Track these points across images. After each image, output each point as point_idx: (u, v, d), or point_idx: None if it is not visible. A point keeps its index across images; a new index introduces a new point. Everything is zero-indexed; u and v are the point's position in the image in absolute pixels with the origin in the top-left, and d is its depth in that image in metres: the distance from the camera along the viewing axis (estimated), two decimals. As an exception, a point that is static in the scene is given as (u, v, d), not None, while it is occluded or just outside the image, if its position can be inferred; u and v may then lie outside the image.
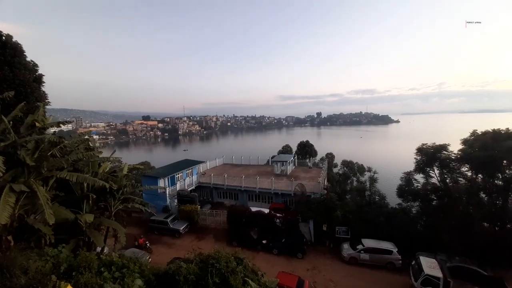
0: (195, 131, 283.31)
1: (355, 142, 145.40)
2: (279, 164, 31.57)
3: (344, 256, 18.09)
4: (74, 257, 7.13)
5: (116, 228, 12.24)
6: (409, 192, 22.17)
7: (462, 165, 20.39)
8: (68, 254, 7.39)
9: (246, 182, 26.92)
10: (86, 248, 10.86)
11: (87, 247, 11.12)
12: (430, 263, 14.53)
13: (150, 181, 25.22)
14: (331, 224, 20.50)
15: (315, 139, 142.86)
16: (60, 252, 7.32)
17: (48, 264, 6.55)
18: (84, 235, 10.97)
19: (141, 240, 19.66)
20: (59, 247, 7.52)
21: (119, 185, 13.10)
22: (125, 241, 12.00)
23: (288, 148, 45.45)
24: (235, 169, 34.77)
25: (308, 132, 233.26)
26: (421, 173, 22.10)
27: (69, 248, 9.49)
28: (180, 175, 28.84)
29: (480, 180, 19.80)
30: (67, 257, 7.11)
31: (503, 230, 18.46)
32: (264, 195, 26.57)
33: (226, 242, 20.40)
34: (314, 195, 23.11)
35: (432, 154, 21.13)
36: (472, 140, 20.41)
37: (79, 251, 7.17)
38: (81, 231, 10.85)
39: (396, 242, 18.19)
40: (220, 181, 28.26)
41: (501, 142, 18.07)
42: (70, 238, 10.55)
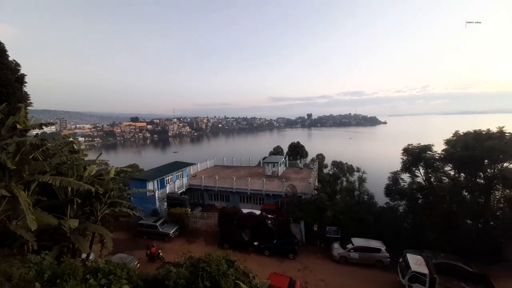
0: (186, 132, 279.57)
1: (345, 143, 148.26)
2: (270, 165, 31.67)
3: (334, 255, 18.34)
4: (58, 264, 6.86)
5: (102, 233, 11.87)
6: (396, 191, 22.86)
7: (445, 165, 21.26)
8: (52, 261, 7.10)
9: (238, 184, 26.81)
10: (71, 255, 10.47)
11: (71, 254, 10.72)
12: (417, 260, 14.97)
13: (138, 184, 24.64)
14: (321, 224, 20.75)
15: (306, 140, 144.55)
16: (43, 259, 7.02)
17: (32, 271, 6.29)
18: (68, 241, 10.56)
19: (154, 248, 18.39)
20: (42, 254, 7.21)
21: (106, 189, 12.73)
22: (112, 247, 11.63)
23: (279, 149, 45.70)
24: (226, 170, 34.57)
25: (299, 133, 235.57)
26: (407, 172, 22.88)
27: (53, 255, 9.11)
28: (170, 177, 28.34)
29: (462, 179, 20.69)
30: (51, 264, 6.83)
31: (485, 227, 19.35)
32: (255, 196, 26.55)
33: (217, 244, 20.21)
34: (305, 195, 23.33)
35: (417, 154, 21.91)
36: (454, 140, 21.34)
37: (63, 258, 6.89)
38: (65, 237, 10.44)
39: (384, 240, 18.64)
40: (211, 183, 28.00)
41: (482, 142, 18.98)
42: (54, 244, 10.16)
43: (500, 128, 19.79)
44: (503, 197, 18.94)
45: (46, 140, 10.47)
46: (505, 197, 18.83)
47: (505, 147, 18.08)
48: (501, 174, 18.22)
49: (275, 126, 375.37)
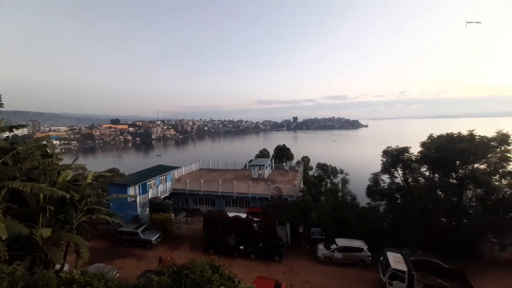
0: (170, 135, 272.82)
1: (329, 145, 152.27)
2: (257, 168, 31.71)
3: (319, 256, 18.63)
4: (31, 275, 6.44)
5: (77, 242, 11.21)
6: (377, 191, 23.78)
7: (421, 166, 22.50)
8: (24, 272, 6.63)
9: (223, 187, 26.53)
10: (44, 266, 9.87)
11: (44, 265, 10.09)
12: (396, 258, 15.59)
13: (118, 189, 23.58)
14: (307, 226, 21.03)
15: (292, 143, 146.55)
16: (16, 270, 6.56)
17: (4, 282, 5.90)
18: (40, 252, 9.89)
19: (166, 261, 15.77)
20: (13, 264, 6.72)
21: (82, 195, 12.07)
22: (88, 257, 11.01)
23: (265, 152, 45.89)
24: (212, 174, 34.11)
25: (285, 136, 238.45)
26: (386, 173, 23.91)
27: (25, 266, 8.54)
28: (153, 182, 27.44)
29: (437, 179, 21.96)
30: (23, 275, 6.39)
31: (459, 224, 20.60)
32: (241, 199, 26.40)
33: (202, 250, 19.77)
34: (290, 198, 23.57)
35: (395, 156, 22.99)
36: (429, 143, 22.64)
37: (35, 269, 6.46)
38: (37, 247, 9.77)
39: (366, 240, 19.24)
40: (196, 187, 27.46)
41: (454, 144, 20.31)
42: (26, 254, 9.53)
43: (470, 132, 21.31)
44: (475, 196, 20.34)
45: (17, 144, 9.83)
46: (476, 196, 20.23)
47: (475, 149, 19.45)
48: (472, 175, 19.58)
49: (261, 129, 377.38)
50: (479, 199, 19.83)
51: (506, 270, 16.89)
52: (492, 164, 19.63)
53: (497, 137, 19.99)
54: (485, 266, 17.66)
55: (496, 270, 17.01)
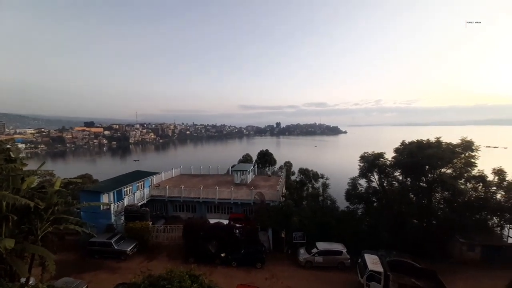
0: (150, 139, 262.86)
1: (311, 151, 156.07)
2: (239, 173, 31.50)
3: (300, 260, 18.76)
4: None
5: (43, 255, 10.26)
6: (355, 195, 24.70)
7: (395, 170, 23.82)
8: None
9: (205, 193, 25.94)
10: (9, 279, 9.03)
11: (9, 277, 9.21)
12: (373, 259, 16.17)
13: (90, 197, 22.09)
14: (289, 231, 21.15)
15: (275, 148, 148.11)
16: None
17: None
18: (5, 264, 9.00)
19: None
20: None
21: (48, 204, 11.14)
22: (54, 270, 10.11)
23: (248, 157, 45.85)
24: (193, 179, 33.26)
25: (268, 141, 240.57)
26: (364, 178, 24.95)
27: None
28: (129, 188, 26.09)
29: (409, 183, 23.35)
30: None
31: (429, 226, 21.94)
32: (223, 205, 25.96)
33: (182, 259, 19.00)
34: (273, 203, 23.63)
35: (372, 161, 24.15)
36: (401, 149, 24.11)
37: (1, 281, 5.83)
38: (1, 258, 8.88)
39: (345, 242, 19.77)
40: (176, 193, 26.55)
41: (424, 150, 21.82)
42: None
43: (437, 139, 23.06)
44: (442, 199, 21.87)
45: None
46: (444, 199, 21.76)
47: (442, 154, 21.04)
48: (439, 178, 21.09)
49: (244, 134, 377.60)
50: (447, 201, 21.36)
51: (476, 270, 18.06)
52: (458, 169, 21.34)
53: (461, 144, 21.83)
54: (455, 266, 18.76)
55: (466, 270, 18.16)
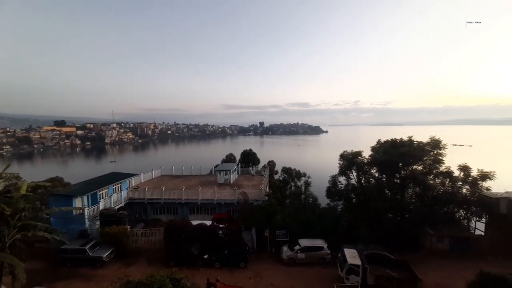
0: (128, 139, 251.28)
1: (294, 150, 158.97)
2: (223, 173, 31.21)
3: (283, 258, 19.05)
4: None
5: (12, 263, 9.46)
6: (335, 192, 25.64)
7: (371, 168, 25.08)
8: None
9: (187, 194, 25.36)
10: None
11: None
12: (352, 253, 16.88)
13: (62, 201, 20.59)
14: (272, 229, 21.37)
15: (258, 147, 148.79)
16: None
17: None
18: None
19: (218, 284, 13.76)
20: None
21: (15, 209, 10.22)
22: (25, 279, 9.36)
23: (232, 157, 45.58)
24: (174, 180, 32.36)
25: (251, 141, 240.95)
26: (343, 175, 25.97)
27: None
28: (105, 191, 24.76)
29: (384, 179, 24.70)
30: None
31: (402, 219, 23.37)
32: (206, 206, 25.57)
33: (163, 263, 18.38)
34: (256, 202, 23.72)
35: (350, 159, 25.21)
36: (377, 147, 25.44)
37: None
38: None
39: (327, 238, 20.40)
40: (156, 195, 25.66)
41: (397, 149, 23.20)
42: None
43: (409, 138, 24.63)
44: (414, 194, 23.43)
45: None
46: (415, 193, 23.32)
47: (413, 152, 22.52)
48: (411, 175, 22.56)
49: (228, 134, 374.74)
50: (418, 196, 22.93)
51: (445, 260, 19.55)
52: (427, 166, 22.96)
53: (430, 143, 23.52)
54: (426, 256, 20.20)
55: (436, 260, 19.59)
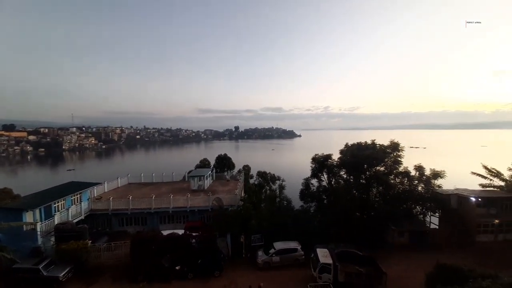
0: (90, 145, 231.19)
1: (268, 154, 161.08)
2: (196, 179, 30.22)
3: (259, 263, 18.99)
4: None
5: None
6: (308, 194, 26.53)
7: (340, 170, 26.51)
8: None
9: (157, 203, 23.95)
10: None
11: None
12: (324, 253, 17.51)
13: (10, 215, 18.07)
14: (248, 234, 21.21)
15: (234, 152, 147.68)
16: None
17: None
18: None
19: None
20: None
21: None
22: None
23: (206, 162, 44.47)
24: (143, 188, 30.41)
25: (226, 145, 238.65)
26: (315, 178, 27.03)
27: None
28: (62, 203, 22.27)
29: (352, 180, 26.25)
30: None
31: (368, 217, 24.96)
32: (179, 214, 24.41)
33: (129, 279, 16.97)
34: (231, 207, 23.36)
35: (322, 162, 26.38)
36: (345, 150, 27.05)
37: None
38: None
39: (301, 240, 20.87)
40: (122, 205, 23.77)
41: (363, 151, 24.93)
42: None
43: (372, 141, 26.66)
44: (378, 193, 25.25)
45: None
46: (379, 192, 25.15)
47: (376, 154, 24.41)
48: (375, 175, 24.34)
49: (202, 138, 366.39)
50: (381, 194, 24.77)
51: (406, 253, 21.31)
52: (388, 166, 25.03)
53: (391, 145, 25.73)
54: (390, 251, 21.84)
55: (398, 253, 21.27)
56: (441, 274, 13.00)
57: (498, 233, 22.99)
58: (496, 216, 23.08)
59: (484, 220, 23.05)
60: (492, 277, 10.61)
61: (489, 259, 19.09)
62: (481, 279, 10.44)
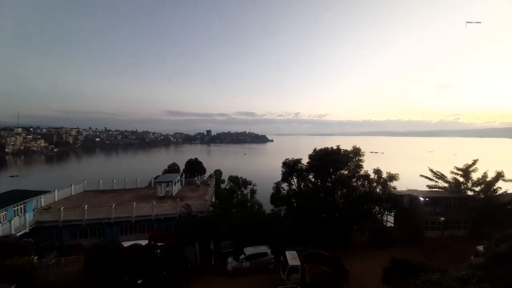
0: (39, 148, 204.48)
1: (241, 158, 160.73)
2: (164, 185, 28.65)
3: (228, 270, 18.61)
4: None
5: None
6: (278, 198, 27.06)
7: (309, 174, 27.66)
8: None
9: (118, 212, 22.04)
10: None
11: None
12: (292, 255, 17.90)
13: None
14: (218, 241, 20.68)
15: (205, 156, 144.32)
16: None
17: None
18: None
19: None
20: None
21: None
22: None
23: (175, 167, 42.55)
24: (102, 196, 27.79)
25: (198, 150, 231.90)
26: (285, 182, 27.74)
27: None
28: (3, 214, 19.24)
29: (319, 183, 27.55)
30: None
31: (334, 218, 26.32)
32: (143, 224, 22.77)
33: (83, 298, 15.23)
34: (201, 214, 22.62)
35: (291, 166, 27.24)
36: (314, 155, 28.34)
37: None
38: None
39: (271, 243, 21.04)
40: (76, 216, 21.36)
41: (329, 156, 26.37)
42: None
43: (338, 147, 28.40)
44: (342, 195, 26.86)
45: None
46: (343, 195, 26.77)
47: (341, 159, 26.05)
48: (339, 178, 25.90)
49: (172, 142, 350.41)
50: (345, 196, 26.41)
51: (366, 251, 22.81)
52: (351, 170, 26.87)
53: (353, 151, 27.70)
54: (353, 249, 23.20)
55: (360, 251, 22.68)
56: (396, 269, 14.07)
57: (444, 229, 26.09)
58: (441, 214, 26.20)
59: (431, 218, 25.97)
60: (441, 271, 11.65)
61: (436, 254, 21.52)
62: (431, 273, 11.40)
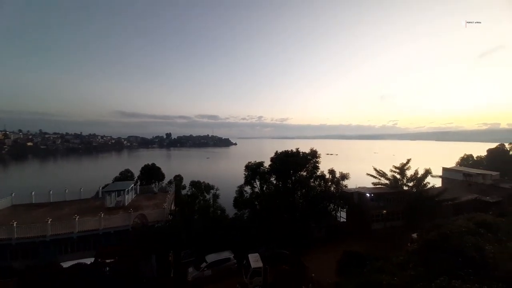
0: None
1: (203, 162, 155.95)
2: (114, 194, 25.78)
3: (189, 280, 17.77)
4: None
5: None
6: (242, 202, 27.10)
7: (271, 176, 28.45)
8: None
9: (56, 228, 19.01)
10: None
11: None
12: (255, 257, 18.07)
13: None
14: (178, 251, 19.56)
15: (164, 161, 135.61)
16: None
17: None
18: None
19: None
20: None
21: None
22: None
23: (128, 174, 38.75)
24: (35, 211, 23.62)
25: (156, 154, 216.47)
26: (248, 185, 27.96)
27: None
28: None
29: (281, 185, 28.55)
30: None
31: (294, 218, 27.50)
32: (88, 240, 20.05)
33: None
34: (158, 224, 21.08)
35: (254, 169, 27.63)
36: (275, 158, 29.29)
37: None
38: None
39: (234, 247, 20.85)
40: (3, 234, 17.70)
41: (289, 158, 27.58)
42: None
43: (297, 149, 29.96)
44: (301, 195, 28.31)
45: None
46: (302, 195, 28.22)
47: (300, 161, 27.50)
48: (299, 179, 27.28)
49: (125, 146, 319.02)
50: (304, 196, 27.92)
51: (324, 246, 24.50)
52: (309, 171, 28.59)
53: (311, 153, 29.57)
54: (312, 246, 24.63)
55: (318, 247, 24.22)
56: (348, 261, 15.67)
57: (386, 221, 29.72)
58: (383, 208, 29.86)
59: (376, 212, 29.42)
60: (384, 258, 13.45)
61: (381, 243, 24.35)
62: (375, 260, 13.09)
